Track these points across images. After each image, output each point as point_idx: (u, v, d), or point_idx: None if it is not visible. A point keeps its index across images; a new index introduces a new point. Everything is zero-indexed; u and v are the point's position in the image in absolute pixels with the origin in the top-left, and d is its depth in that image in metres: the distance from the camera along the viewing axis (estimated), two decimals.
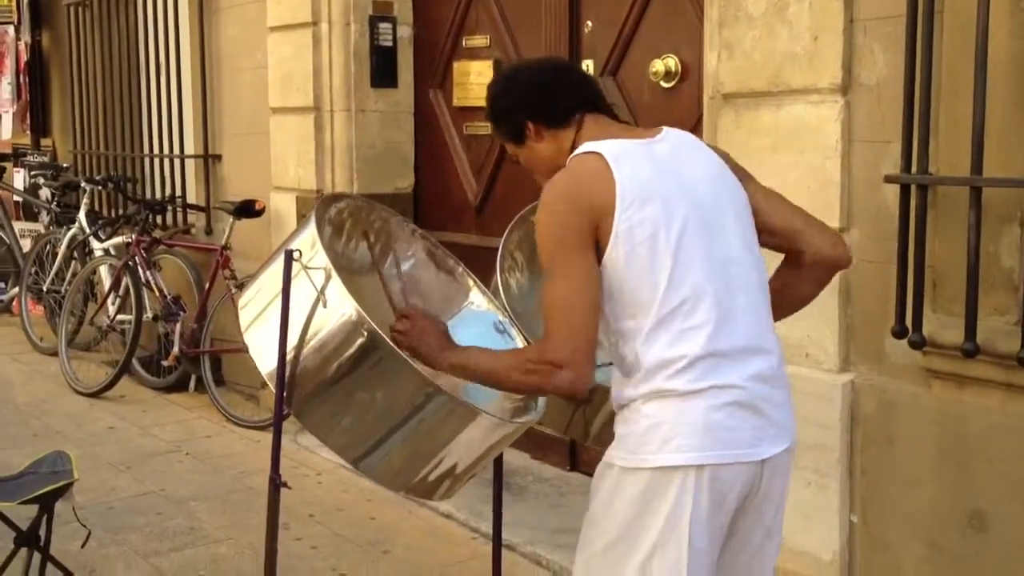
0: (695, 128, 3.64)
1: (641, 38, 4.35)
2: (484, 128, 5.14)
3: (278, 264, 2.22)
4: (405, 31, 5.48)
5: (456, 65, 5.29)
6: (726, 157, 2.30)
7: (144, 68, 6.93)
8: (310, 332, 2.14)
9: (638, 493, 2.06)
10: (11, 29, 8.55)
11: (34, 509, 3.40)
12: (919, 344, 2.94)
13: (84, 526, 3.75)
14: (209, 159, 6.36)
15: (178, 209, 6.49)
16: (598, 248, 2.06)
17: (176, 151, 6.59)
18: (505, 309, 2.56)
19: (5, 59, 8.67)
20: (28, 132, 8.34)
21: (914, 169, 2.96)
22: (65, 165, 7.10)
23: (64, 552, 3.80)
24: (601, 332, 2.09)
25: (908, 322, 3.00)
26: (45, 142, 8.46)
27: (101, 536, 4.18)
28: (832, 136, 3.23)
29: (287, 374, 2.15)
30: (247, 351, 2.29)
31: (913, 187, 2.97)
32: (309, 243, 2.21)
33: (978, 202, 2.78)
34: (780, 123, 3.37)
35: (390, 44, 5.45)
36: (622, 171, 2.07)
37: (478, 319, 2.61)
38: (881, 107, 3.13)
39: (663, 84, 4.21)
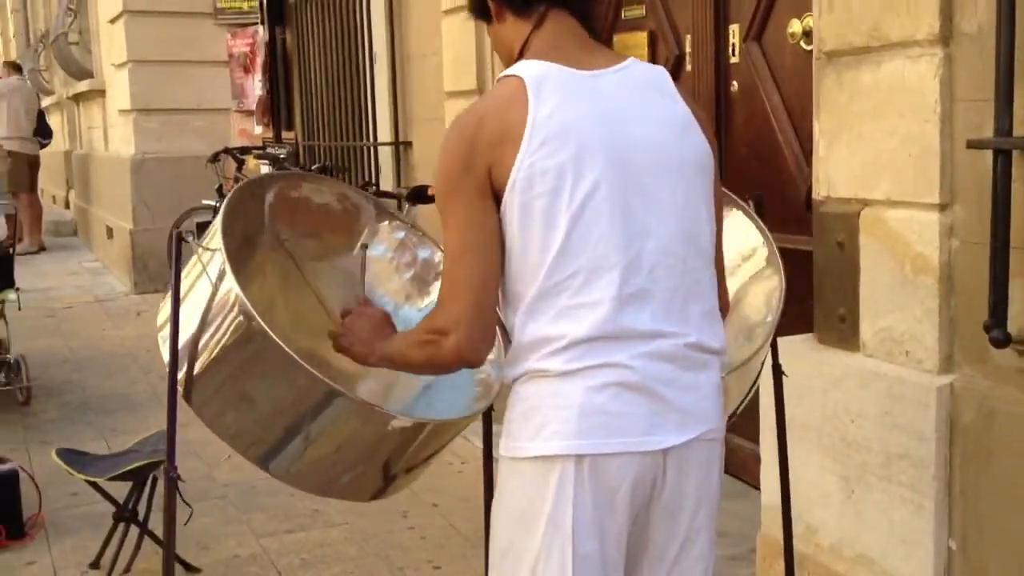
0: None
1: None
2: None
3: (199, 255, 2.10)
4: None
5: (616, 38, 5.03)
6: (702, 122, 1.92)
7: (353, 59, 7.08)
8: (209, 318, 2.01)
9: (519, 489, 1.80)
10: (261, 29, 9.00)
11: None
12: (1002, 341, 2.44)
13: (188, 504, 3.83)
14: (400, 146, 6.41)
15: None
16: (497, 193, 1.76)
17: (373, 139, 6.69)
18: None
19: (256, 58, 9.14)
20: (269, 126, 8.75)
21: (1015, 131, 2.46)
22: (282, 155, 7.38)
23: (185, 528, 3.90)
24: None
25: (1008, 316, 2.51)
26: (288, 135, 8.86)
27: (229, 513, 4.28)
28: (931, 95, 2.75)
29: (187, 361, 2.04)
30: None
31: (1016, 153, 2.48)
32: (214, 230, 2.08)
33: None
34: (880, 83, 2.91)
35: None
36: (540, 105, 1.75)
37: None
38: (984, 60, 2.62)
39: (803, 46, 3.79)
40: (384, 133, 6.59)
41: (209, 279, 2.02)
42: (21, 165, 11.87)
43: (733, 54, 4.24)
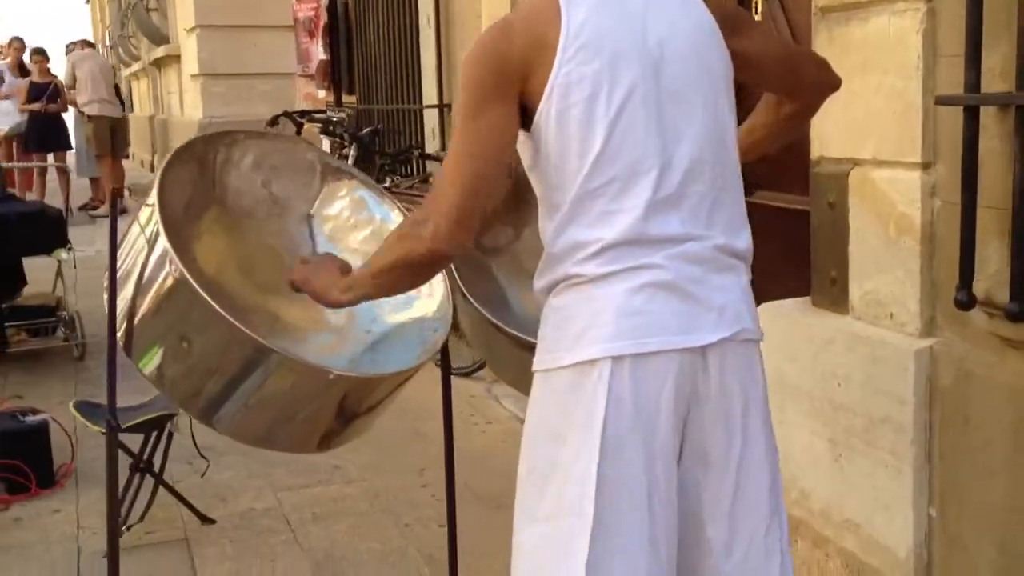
0: None
1: None
2: None
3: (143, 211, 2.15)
4: None
5: None
6: (732, 19, 1.95)
7: (404, 22, 7.11)
8: (147, 273, 2.06)
9: (554, 402, 1.80)
10: None
11: None
12: (966, 304, 2.38)
13: (204, 457, 3.95)
14: (444, 108, 6.44)
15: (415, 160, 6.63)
16: (528, 105, 1.77)
17: (419, 102, 6.73)
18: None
19: (320, 22, 9.23)
20: (330, 90, 8.83)
21: (983, 87, 2.38)
22: (334, 119, 7.46)
23: (206, 481, 4.03)
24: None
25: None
26: (349, 99, 8.94)
27: (252, 468, 4.38)
28: (914, 51, 2.67)
29: (126, 315, 2.09)
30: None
31: (992, 111, 2.40)
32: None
33: None
34: (868, 38, 2.84)
35: None
36: (573, 14, 1.76)
37: None
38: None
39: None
40: (430, 96, 6.62)
41: (145, 236, 2.07)
42: (103, 128, 12.15)
43: (756, 12, 4.17)
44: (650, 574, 1.79)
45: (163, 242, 1.99)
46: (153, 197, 2.06)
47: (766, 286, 3.83)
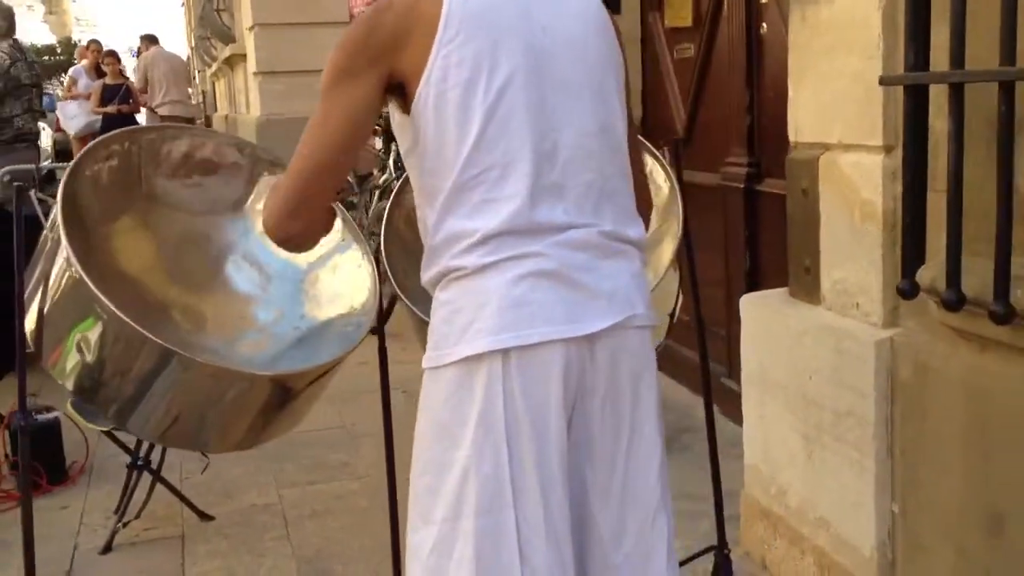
0: None
1: None
2: (689, 50, 4.71)
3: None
4: None
5: None
6: (617, 30, 1.90)
7: None
8: (53, 269, 2.06)
9: (443, 399, 1.75)
10: None
11: None
12: (908, 293, 2.26)
13: (204, 455, 3.98)
14: None
15: None
16: (406, 87, 1.72)
17: None
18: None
19: None
20: None
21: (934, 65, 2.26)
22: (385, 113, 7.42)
23: (215, 478, 4.06)
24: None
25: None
26: None
27: (262, 464, 4.40)
28: (875, 30, 2.56)
29: (37, 314, 2.10)
30: None
31: (938, 91, 2.27)
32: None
33: (1010, 101, 2.01)
34: (835, 18, 2.73)
35: None
36: None
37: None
38: None
39: None
40: None
41: (49, 232, 2.07)
42: None
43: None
44: (550, 571, 1.75)
45: (63, 242, 1.99)
46: (58, 197, 2.06)
47: (774, 275, 3.73)
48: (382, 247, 2.37)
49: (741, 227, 4.19)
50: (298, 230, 1.79)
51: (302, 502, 4.01)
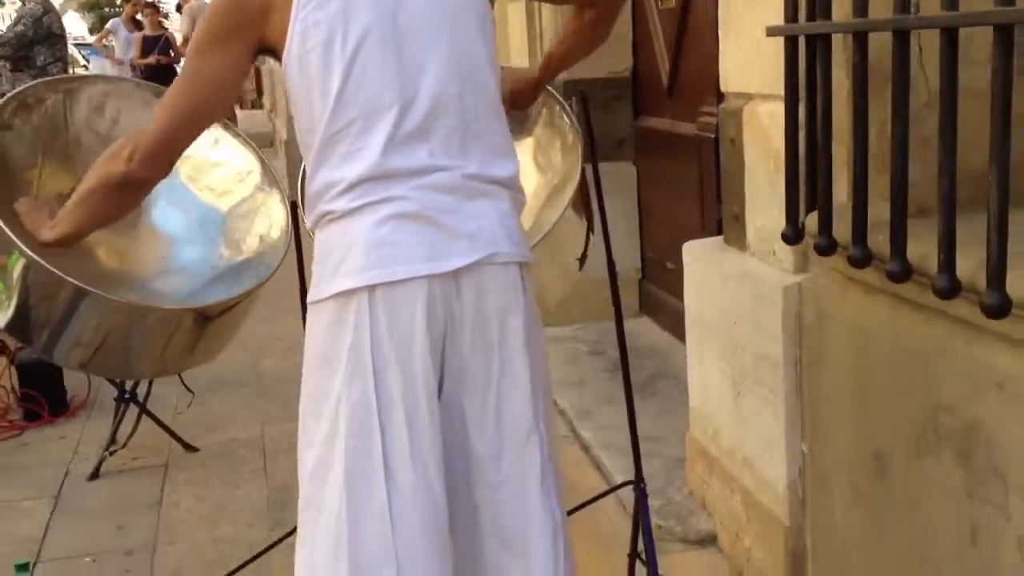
0: None
1: None
2: (671, 0, 4.75)
3: None
4: None
5: None
6: None
7: None
8: None
9: (321, 331, 1.90)
10: None
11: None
12: (792, 239, 2.35)
13: (189, 390, 4.19)
14: None
15: None
16: (276, 51, 1.87)
17: None
18: None
19: None
20: None
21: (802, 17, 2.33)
22: None
23: (205, 412, 4.27)
24: None
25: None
26: None
27: (251, 401, 4.61)
28: None
29: None
30: None
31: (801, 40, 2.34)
32: None
33: (863, 51, 2.11)
34: None
35: None
36: None
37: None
38: None
39: None
40: None
41: None
42: None
43: None
44: (415, 491, 1.89)
45: None
46: None
47: None
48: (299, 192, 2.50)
49: (713, 177, 4.26)
50: (165, 169, 1.96)
51: (280, 437, 4.20)
